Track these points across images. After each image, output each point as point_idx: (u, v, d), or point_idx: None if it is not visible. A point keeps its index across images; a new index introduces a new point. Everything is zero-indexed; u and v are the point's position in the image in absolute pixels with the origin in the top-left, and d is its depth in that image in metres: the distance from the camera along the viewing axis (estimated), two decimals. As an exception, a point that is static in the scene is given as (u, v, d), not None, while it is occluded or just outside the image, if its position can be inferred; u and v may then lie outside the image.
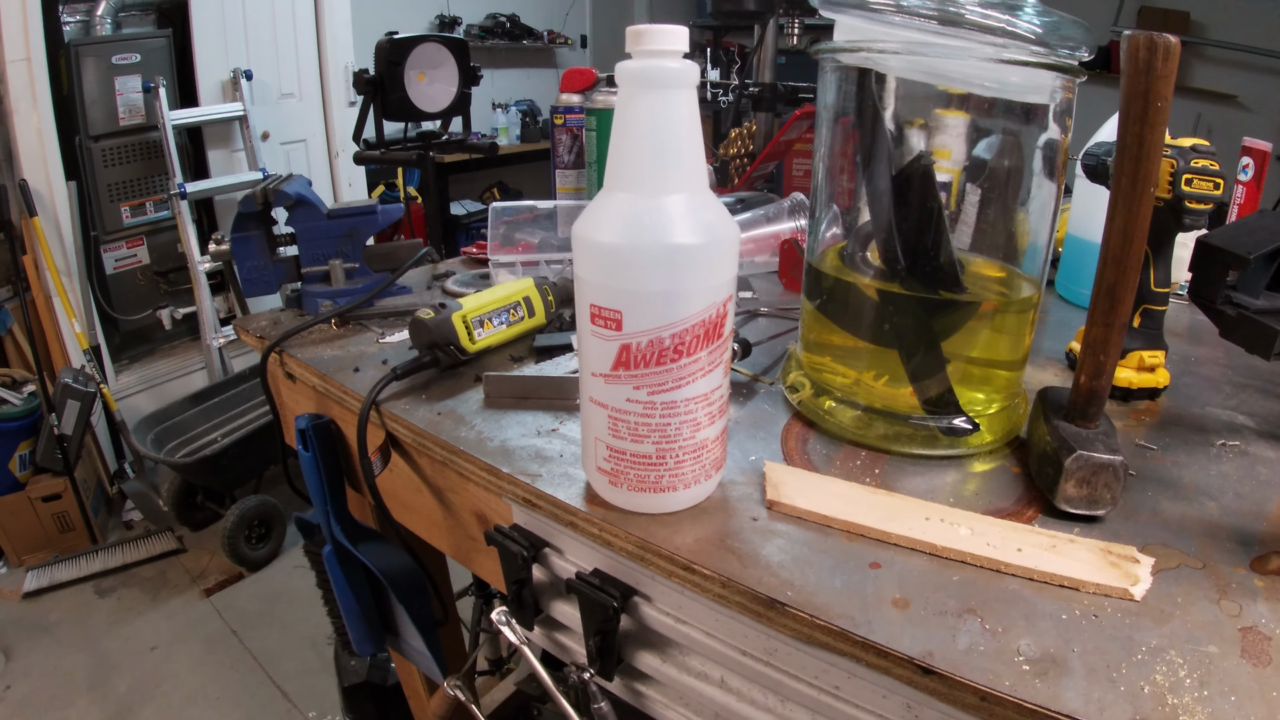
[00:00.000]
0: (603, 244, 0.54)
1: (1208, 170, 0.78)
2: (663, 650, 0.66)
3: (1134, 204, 0.61)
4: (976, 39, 0.64)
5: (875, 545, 0.59)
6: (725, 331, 0.58)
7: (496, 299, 0.90)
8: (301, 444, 0.94)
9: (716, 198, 0.57)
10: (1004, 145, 0.74)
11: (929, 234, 0.71)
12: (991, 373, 0.76)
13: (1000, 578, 0.56)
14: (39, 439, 2.61)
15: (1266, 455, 0.75)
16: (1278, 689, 0.47)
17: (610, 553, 0.64)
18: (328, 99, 3.40)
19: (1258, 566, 0.58)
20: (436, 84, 2.24)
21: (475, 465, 0.73)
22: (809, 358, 0.81)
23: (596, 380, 0.58)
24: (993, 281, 0.78)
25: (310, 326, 1.03)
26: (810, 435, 0.76)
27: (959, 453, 0.73)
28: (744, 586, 0.54)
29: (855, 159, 0.75)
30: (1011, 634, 0.51)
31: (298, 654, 2.28)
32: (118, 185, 2.89)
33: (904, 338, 0.73)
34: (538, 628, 0.75)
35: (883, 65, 0.68)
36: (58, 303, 2.67)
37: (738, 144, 1.63)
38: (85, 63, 2.75)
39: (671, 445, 0.59)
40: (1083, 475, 0.62)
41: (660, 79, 0.52)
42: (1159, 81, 0.57)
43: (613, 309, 0.55)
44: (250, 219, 1.10)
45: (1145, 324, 0.86)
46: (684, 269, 0.54)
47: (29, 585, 2.50)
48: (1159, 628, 0.52)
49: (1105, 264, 0.63)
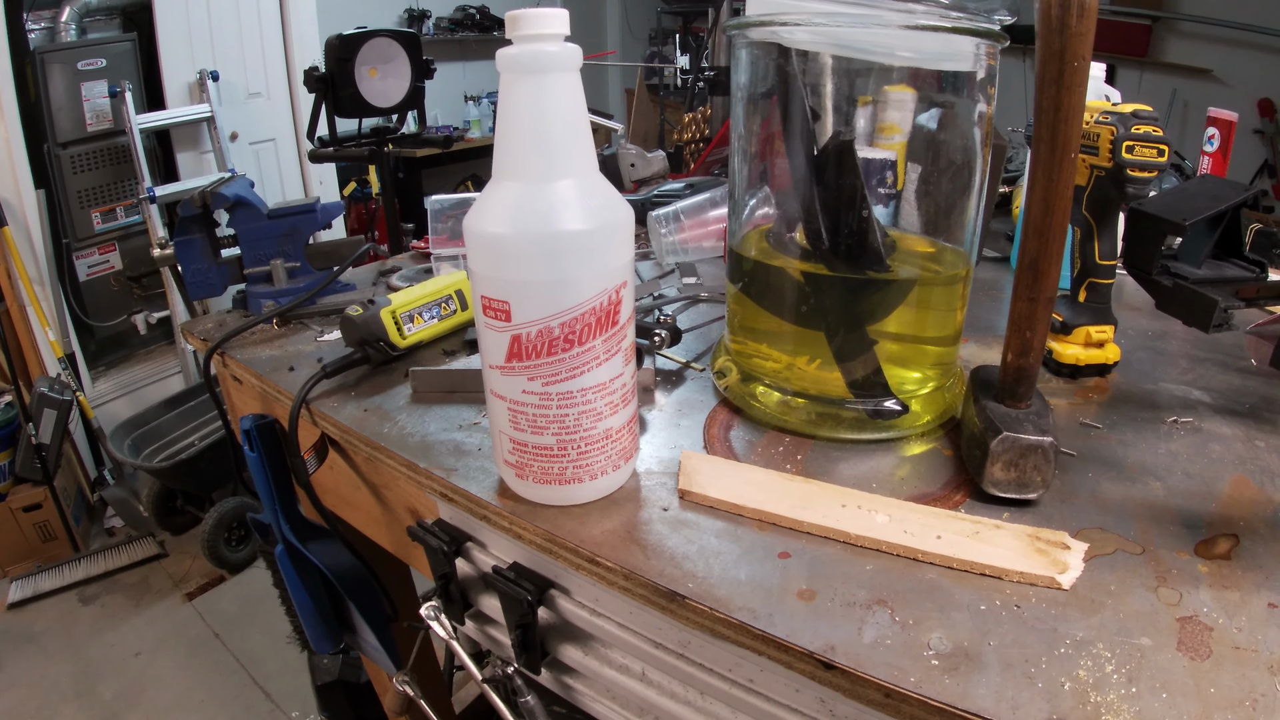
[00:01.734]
0: (489, 234, 0.53)
1: (1150, 137, 0.75)
2: (585, 643, 0.65)
3: (1054, 172, 0.59)
4: (888, 5, 0.62)
5: (787, 534, 0.58)
6: (621, 318, 0.56)
7: (426, 294, 0.89)
8: (247, 444, 0.93)
9: (607, 182, 0.56)
10: (939, 119, 0.72)
11: (851, 211, 0.69)
12: (921, 350, 0.74)
13: (918, 567, 0.54)
14: (17, 449, 2.60)
15: (1221, 431, 0.72)
16: (1215, 685, 0.44)
17: (524, 546, 0.62)
18: (295, 97, 3.37)
19: (1203, 551, 0.56)
20: (389, 79, 2.22)
21: (396, 461, 0.72)
22: (736, 342, 0.79)
23: (494, 372, 0.57)
24: (921, 257, 0.76)
25: (251, 327, 1.02)
26: (735, 422, 0.74)
27: (889, 436, 0.71)
28: (646, 579, 0.53)
29: (773, 139, 0.74)
30: (923, 626, 0.49)
31: (280, 654, 2.28)
32: (87, 191, 2.87)
33: (827, 318, 0.71)
34: (469, 621, 0.74)
35: (790, 39, 0.66)
36: (31, 312, 2.65)
37: (693, 129, 1.61)
38: (51, 69, 2.73)
39: (572, 436, 0.57)
40: (1010, 458, 0.60)
41: (540, 64, 0.51)
42: (1074, 39, 0.55)
43: (501, 300, 0.53)
44: (192, 222, 1.09)
45: (1091, 298, 0.83)
46: (570, 256, 0.52)
47: (13, 596, 2.50)
48: (1087, 619, 0.49)
49: (1027, 236, 0.61)
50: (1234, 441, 0.71)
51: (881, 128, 0.72)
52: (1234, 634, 0.48)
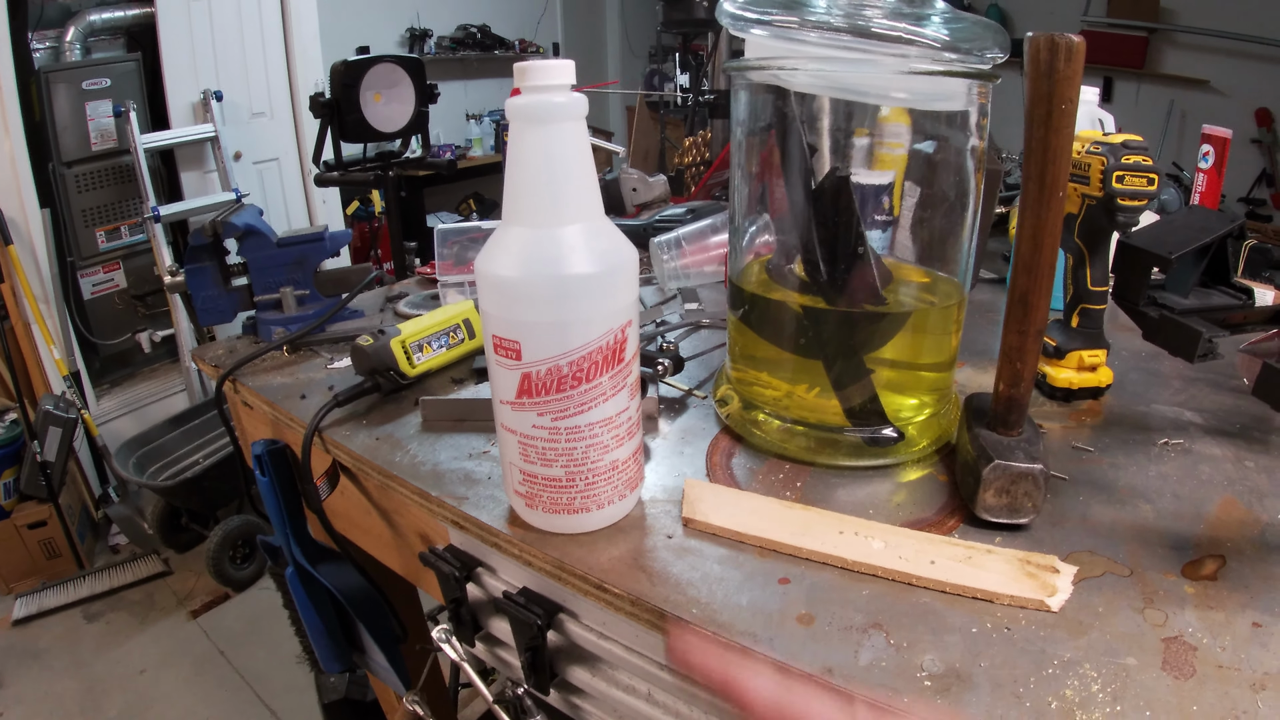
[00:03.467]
0: (500, 277, 0.55)
1: (1140, 166, 0.77)
2: (592, 665, 0.67)
3: (1042, 209, 0.61)
4: (883, 50, 0.64)
5: (787, 561, 0.60)
6: (627, 355, 0.59)
7: (435, 323, 0.91)
8: (259, 469, 0.95)
9: (613, 225, 0.58)
10: (933, 150, 0.74)
11: (848, 245, 0.71)
12: (916, 376, 0.77)
13: (912, 591, 0.56)
14: (22, 466, 2.61)
15: (1211, 453, 0.74)
16: (1198, 703, 0.46)
17: (534, 572, 0.65)
18: (299, 117, 3.39)
19: (1190, 572, 0.57)
20: (393, 104, 2.25)
21: (408, 489, 0.74)
22: (737, 371, 0.82)
23: (505, 407, 0.59)
24: (917, 287, 0.78)
25: (262, 354, 1.04)
26: (736, 449, 0.77)
27: (886, 462, 0.73)
28: (651, 605, 0.55)
29: (770, 173, 0.76)
30: (917, 649, 0.51)
31: (285, 672, 2.28)
32: (92, 210, 2.89)
33: (825, 348, 0.73)
34: (479, 643, 0.76)
35: (789, 82, 0.69)
36: (36, 330, 2.67)
37: (693, 153, 1.63)
38: (56, 89, 2.75)
39: (580, 468, 0.59)
40: (1001, 484, 0.62)
41: (548, 114, 0.53)
42: (1062, 83, 0.57)
43: (512, 340, 0.56)
44: (203, 250, 1.11)
45: (1084, 323, 0.85)
46: (578, 298, 0.54)
47: (18, 613, 2.51)
48: (1074, 640, 0.51)
49: (1017, 271, 0.63)
50: (1224, 462, 0.72)
51: (879, 153, 0.74)
52: (1218, 653, 0.50)
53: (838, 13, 0.65)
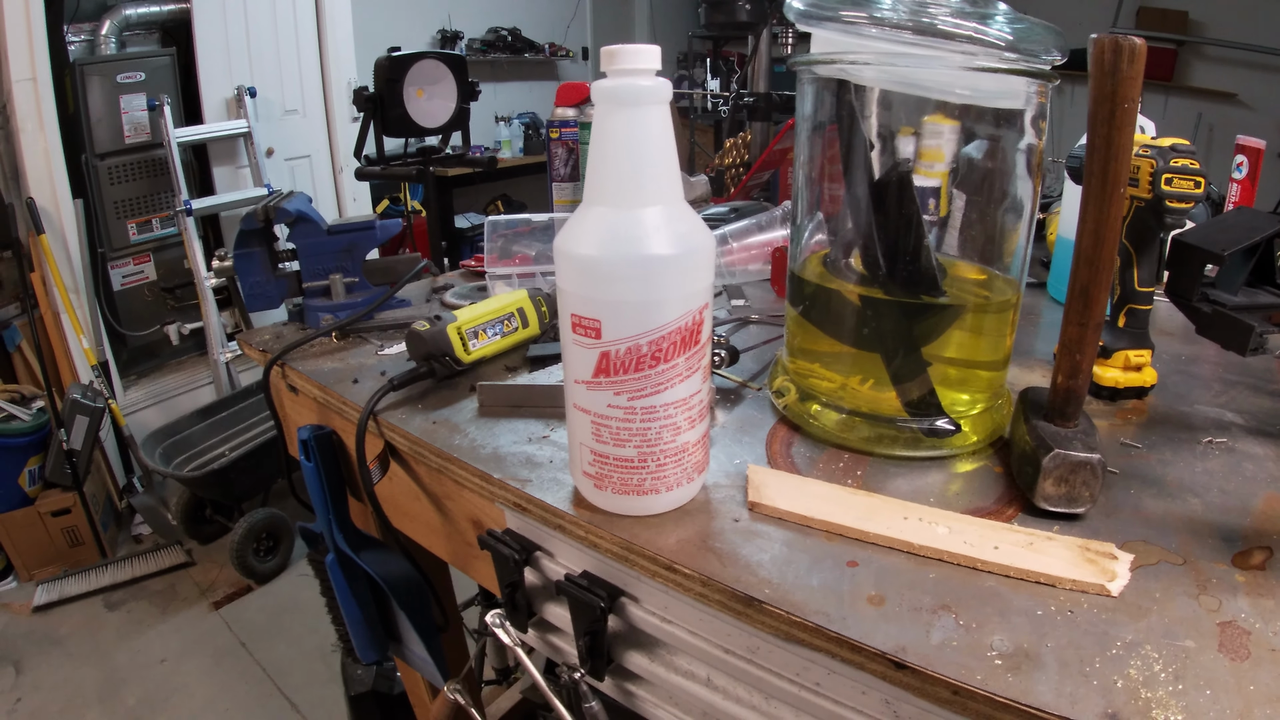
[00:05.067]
0: (582, 256, 0.56)
1: (1188, 169, 0.78)
2: (651, 650, 0.68)
3: (1104, 205, 0.62)
4: (949, 48, 0.65)
5: (854, 545, 0.61)
6: (702, 338, 0.60)
7: (490, 311, 0.92)
8: (304, 454, 0.96)
9: (691, 209, 0.59)
10: (987, 150, 0.75)
11: (908, 239, 0.72)
12: (973, 373, 0.77)
13: (977, 575, 0.57)
14: (48, 454, 2.64)
15: (1254, 452, 0.75)
16: (1255, 683, 0.47)
17: (597, 555, 0.65)
18: (331, 115, 3.43)
19: (1240, 562, 0.59)
20: (435, 100, 2.27)
21: (468, 472, 0.75)
22: (794, 363, 0.82)
23: (579, 387, 0.60)
24: (973, 284, 0.79)
25: (311, 340, 1.05)
26: (795, 439, 0.77)
27: (942, 453, 0.74)
28: (723, 585, 0.56)
29: (834, 167, 0.77)
30: (985, 629, 0.52)
31: (306, 665, 2.29)
32: (124, 202, 2.93)
33: (885, 341, 0.74)
34: (531, 630, 0.77)
35: (857, 76, 0.70)
36: (66, 319, 2.71)
37: (733, 153, 1.65)
38: (90, 82, 2.79)
39: (653, 449, 0.60)
40: (1060, 473, 0.63)
41: (633, 96, 0.54)
42: (1125, 83, 0.58)
43: (592, 318, 0.57)
44: (252, 236, 1.13)
45: (1130, 323, 0.86)
46: (659, 279, 0.55)
47: (39, 599, 2.53)
48: (1135, 623, 0.52)
49: (1078, 265, 0.64)
50: (1266, 461, 0.74)
51: (923, 155, 0.75)
52: (1270, 637, 0.51)
53: (904, 10, 0.66)
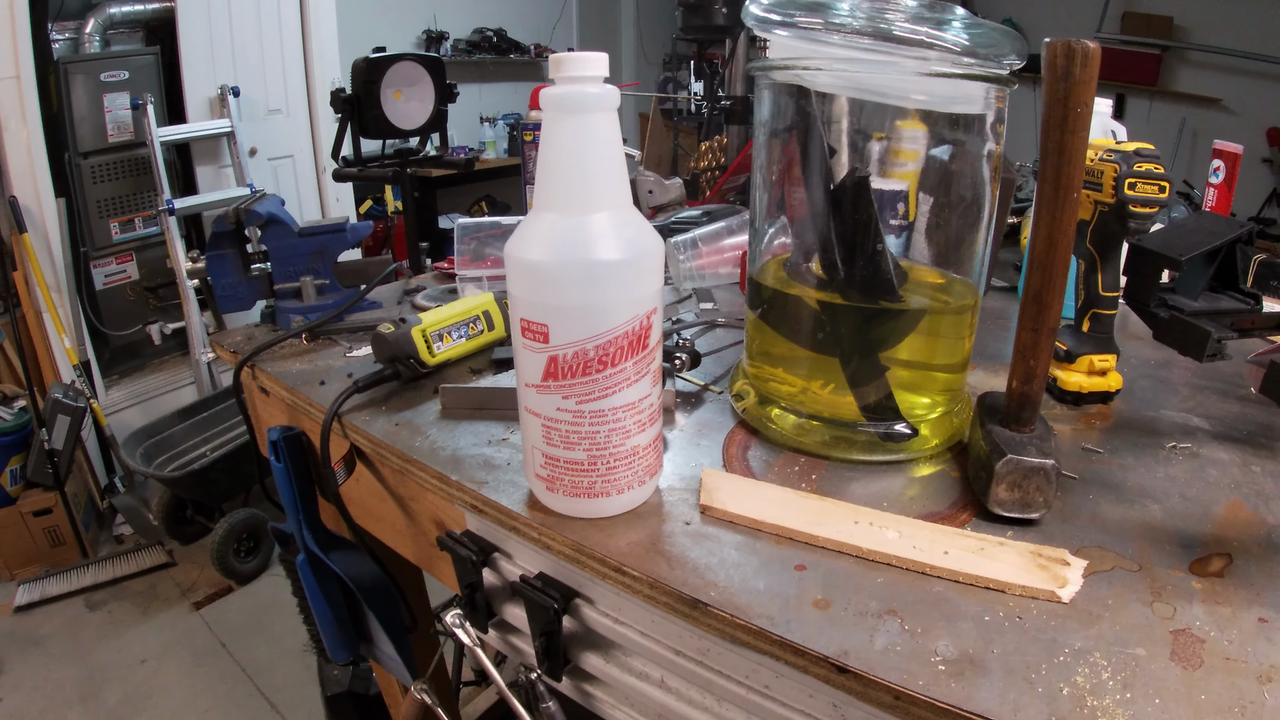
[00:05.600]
0: (529, 261, 0.56)
1: (1151, 174, 0.79)
2: (606, 651, 0.68)
3: (1057, 209, 0.62)
4: (904, 53, 0.66)
5: (803, 548, 0.61)
6: (651, 342, 0.60)
7: (455, 313, 0.92)
8: (273, 455, 0.96)
9: (640, 214, 0.60)
10: (950, 155, 0.76)
11: (866, 244, 0.73)
12: (930, 377, 0.78)
13: (925, 580, 0.58)
14: (30, 454, 2.63)
15: (1218, 457, 0.75)
16: (1206, 692, 0.47)
17: (551, 556, 0.66)
18: (315, 115, 3.42)
19: (1197, 569, 0.59)
20: (413, 102, 2.26)
21: (427, 473, 0.75)
22: (754, 367, 0.83)
23: (529, 390, 0.61)
24: (932, 288, 0.80)
25: (281, 341, 1.05)
26: (752, 442, 0.78)
27: (899, 458, 0.74)
28: (669, 587, 0.56)
29: (792, 172, 0.77)
30: (931, 635, 0.52)
31: (286, 666, 2.29)
32: (107, 201, 2.92)
33: (842, 345, 0.74)
34: (492, 630, 0.77)
35: (812, 82, 0.70)
36: (48, 318, 2.69)
37: (709, 157, 1.65)
38: (74, 80, 2.78)
39: (602, 452, 0.61)
40: (1014, 479, 0.63)
41: (581, 103, 0.55)
42: (1077, 87, 0.58)
43: (540, 323, 0.57)
44: (225, 237, 1.13)
45: (1095, 328, 0.86)
46: (605, 283, 0.56)
47: (20, 599, 2.51)
48: (1085, 630, 0.52)
49: (1032, 269, 0.64)
50: (1230, 466, 0.74)
51: (894, 157, 0.75)
52: (1225, 646, 0.51)
53: (860, 16, 0.66)
